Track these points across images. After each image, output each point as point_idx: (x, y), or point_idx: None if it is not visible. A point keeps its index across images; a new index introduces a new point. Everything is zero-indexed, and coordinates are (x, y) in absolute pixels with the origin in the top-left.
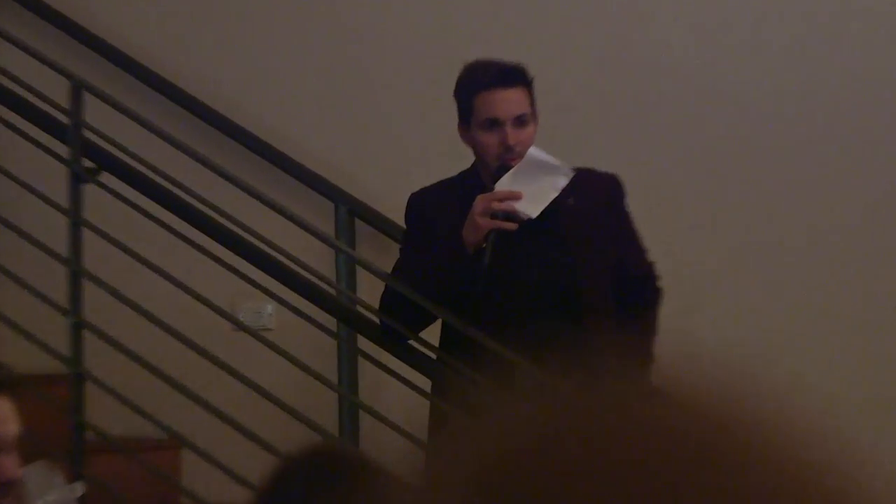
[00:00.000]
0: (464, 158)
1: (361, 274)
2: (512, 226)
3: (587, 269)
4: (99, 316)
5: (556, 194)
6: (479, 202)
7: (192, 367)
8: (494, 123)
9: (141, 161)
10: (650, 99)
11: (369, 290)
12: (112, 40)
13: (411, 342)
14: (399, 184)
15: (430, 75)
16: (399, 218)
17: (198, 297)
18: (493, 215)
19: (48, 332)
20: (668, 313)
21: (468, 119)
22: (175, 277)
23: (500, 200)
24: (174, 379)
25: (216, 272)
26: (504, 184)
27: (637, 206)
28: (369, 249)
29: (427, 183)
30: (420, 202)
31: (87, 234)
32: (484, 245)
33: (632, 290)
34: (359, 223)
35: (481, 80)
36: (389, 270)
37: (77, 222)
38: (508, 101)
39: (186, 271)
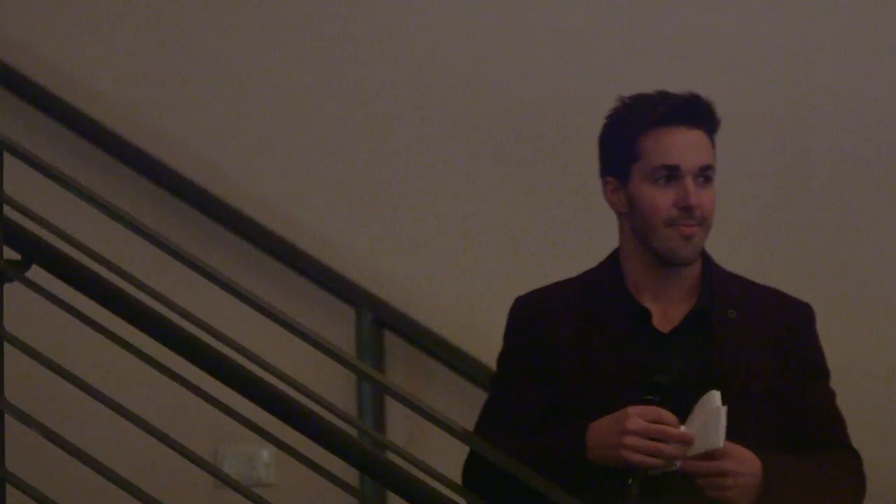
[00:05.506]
0: (555, 247)
1: (392, 407)
2: (672, 467)
3: (744, 407)
4: (29, 464)
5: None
6: (634, 423)
7: None
8: (671, 174)
9: (86, 251)
10: None
11: (403, 429)
12: (51, 85)
13: None
14: (446, 282)
15: (478, 129)
16: (449, 330)
17: (166, 441)
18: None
19: None
20: None
21: (626, 168)
22: (133, 412)
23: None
24: None
25: (192, 404)
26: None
27: None
28: (403, 372)
29: (491, 282)
30: (532, 313)
31: (10, 351)
32: (629, 482)
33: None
34: (389, 336)
35: (655, 112)
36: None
37: None
38: (692, 145)
39: (150, 403)
